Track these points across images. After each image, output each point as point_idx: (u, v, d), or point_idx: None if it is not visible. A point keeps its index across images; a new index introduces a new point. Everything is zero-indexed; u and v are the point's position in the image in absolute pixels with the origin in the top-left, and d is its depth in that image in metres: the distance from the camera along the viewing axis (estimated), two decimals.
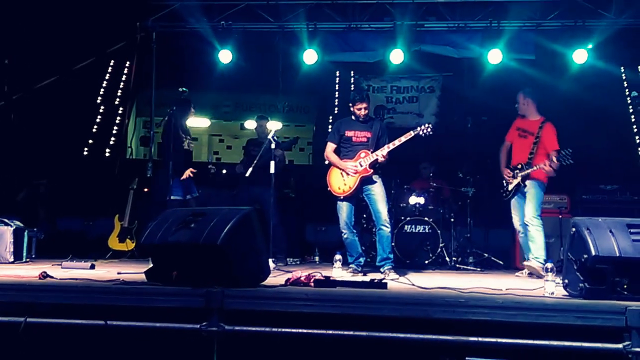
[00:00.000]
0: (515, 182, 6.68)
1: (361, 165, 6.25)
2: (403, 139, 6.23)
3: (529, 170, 6.54)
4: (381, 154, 6.19)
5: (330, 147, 6.48)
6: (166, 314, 4.17)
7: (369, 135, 6.33)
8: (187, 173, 7.24)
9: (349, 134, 6.39)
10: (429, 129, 6.27)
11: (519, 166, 6.66)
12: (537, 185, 6.57)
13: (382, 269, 6.13)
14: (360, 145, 6.33)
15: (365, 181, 6.28)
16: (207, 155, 13.53)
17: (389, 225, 6.24)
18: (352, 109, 6.43)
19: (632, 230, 4.31)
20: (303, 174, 10.43)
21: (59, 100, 9.82)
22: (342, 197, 6.31)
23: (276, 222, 7.37)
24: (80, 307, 4.27)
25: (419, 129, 6.28)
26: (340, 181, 6.32)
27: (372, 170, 6.25)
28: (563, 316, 3.90)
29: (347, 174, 6.27)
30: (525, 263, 6.48)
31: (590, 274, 4.24)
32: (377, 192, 6.28)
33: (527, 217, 6.47)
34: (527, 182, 6.59)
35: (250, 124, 12.31)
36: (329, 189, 6.40)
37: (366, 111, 6.37)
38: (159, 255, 4.74)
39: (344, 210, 6.33)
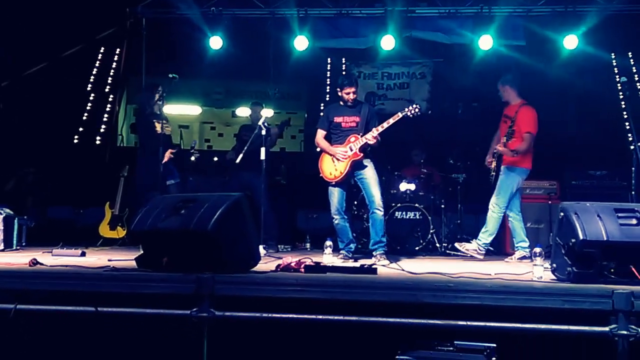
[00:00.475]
0: (493, 166, 6.75)
1: (351, 150, 6.26)
2: (391, 120, 6.27)
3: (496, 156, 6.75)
4: (371, 135, 6.20)
5: (320, 133, 6.49)
6: (157, 300, 4.18)
7: (357, 119, 6.34)
8: (168, 155, 7.19)
9: (337, 119, 6.40)
10: (416, 109, 6.32)
11: (495, 151, 6.75)
12: (506, 170, 6.69)
13: (374, 253, 6.16)
14: (350, 130, 6.34)
15: (357, 166, 6.29)
16: (199, 142, 13.51)
17: (382, 209, 6.26)
18: (340, 93, 6.43)
19: (619, 215, 4.36)
20: (294, 160, 10.43)
21: (48, 88, 9.75)
22: (333, 183, 6.32)
23: (267, 208, 7.37)
24: (70, 293, 4.27)
25: (406, 109, 6.33)
26: (332, 167, 6.33)
27: (362, 154, 6.26)
28: (551, 300, 3.93)
29: (338, 159, 6.28)
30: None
31: (578, 258, 4.28)
32: (369, 175, 6.29)
33: (490, 202, 6.55)
34: (501, 168, 6.68)
35: (244, 111, 12.28)
36: (320, 175, 6.42)
37: (354, 95, 6.36)
38: (150, 241, 4.75)
39: (335, 195, 6.35)
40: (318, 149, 6.58)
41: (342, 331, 4.08)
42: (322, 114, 6.60)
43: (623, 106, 8.99)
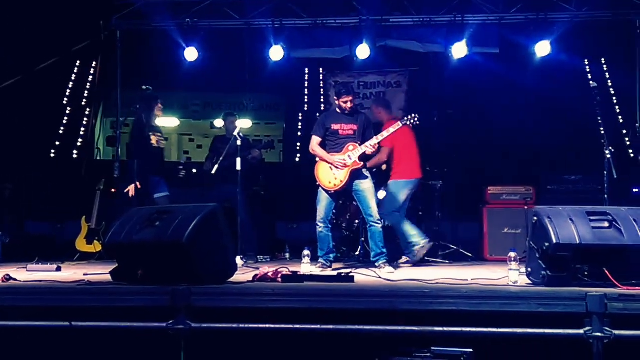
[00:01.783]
0: None
1: (350, 158, 6.24)
2: (391, 129, 6.30)
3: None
4: (370, 144, 6.21)
5: (316, 140, 6.45)
6: (132, 313, 4.15)
7: (355, 127, 6.33)
8: (132, 189, 7.06)
9: (335, 127, 6.38)
10: (416, 119, 6.35)
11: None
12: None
13: (377, 264, 6.16)
14: (347, 138, 6.32)
15: (356, 175, 6.27)
16: (177, 154, 13.46)
17: (380, 222, 6.28)
18: (337, 102, 6.44)
19: (591, 218, 4.41)
20: (273, 171, 10.42)
21: (24, 102, 9.66)
22: (332, 192, 6.30)
23: (245, 219, 7.37)
24: (44, 308, 4.23)
25: (406, 119, 6.38)
26: (330, 175, 6.29)
27: (362, 163, 6.26)
28: (526, 304, 3.98)
29: (336, 167, 6.26)
30: None
31: (551, 262, 4.33)
32: (367, 187, 6.29)
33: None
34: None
35: (219, 122, 12.28)
36: (317, 183, 6.38)
37: (352, 104, 6.37)
38: (125, 254, 4.71)
39: (323, 203, 6.32)
40: (317, 159, 6.54)
41: (320, 340, 4.08)
42: (317, 120, 6.57)
43: (597, 111, 9.12)
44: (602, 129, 6.09)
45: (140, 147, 7.04)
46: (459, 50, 8.70)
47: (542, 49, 8.57)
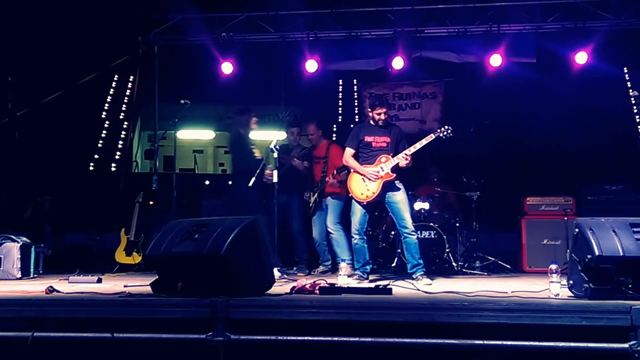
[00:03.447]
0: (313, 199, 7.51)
1: (383, 170, 6.22)
2: (424, 141, 6.24)
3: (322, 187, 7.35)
4: (403, 155, 6.17)
5: (349, 152, 6.46)
6: (172, 325, 4.19)
7: (388, 140, 6.32)
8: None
9: (368, 139, 6.37)
10: (449, 131, 6.30)
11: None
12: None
13: (414, 275, 6.12)
14: (380, 150, 6.30)
15: (389, 187, 6.24)
16: (212, 166, 13.59)
17: (414, 233, 6.25)
18: (371, 114, 6.43)
19: (635, 230, 4.31)
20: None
21: (64, 116, 9.89)
22: (364, 203, 6.29)
23: (299, 229, 7.45)
24: (86, 320, 4.29)
25: (439, 131, 6.33)
26: (363, 187, 6.28)
27: (394, 175, 6.23)
28: (568, 317, 3.89)
29: (369, 179, 6.26)
30: None
31: (594, 274, 4.24)
32: (400, 199, 6.24)
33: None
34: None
35: (256, 135, 12.37)
36: (350, 195, 6.39)
37: (385, 116, 6.36)
38: (164, 266, 4.76)
39: (358, 215, 6.31)
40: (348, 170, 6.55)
41: (358, 353, 4.06)
42: (351, 132, 6.58)
43: (637, 120, 8.97)
44: None
45: (241, 158, 7.08)
46: (495, 60, 8.65)
47: (581, 58, 8.48)
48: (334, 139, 9.41)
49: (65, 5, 9.17)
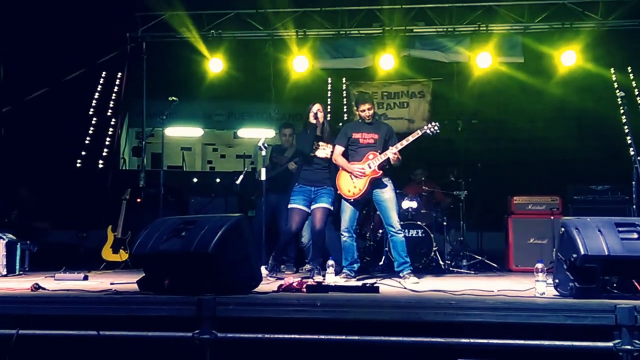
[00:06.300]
0: None
1: (369, 167, 6.21)
2: (411, 138, 6.23)
3: None
4: (391, 152, 6.17)
5: (338, 150, 6.44)
6: (159, 323, 4.17)
7: (376, 137, 6.31)
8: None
9: (356, 135, 6.36)
10: (436, 127, 6.30)
11: None
12: None
13: (401, 274, 6.12)
14: (368, 147, 6.29)
15: (376, 184, 6.23)
16: (201, 164, 13.57)
17: (401, 231, 6.25)
18: (357, 111, 6.43)
19: (620, 229, 4.34)
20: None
21: (50, 113, 9.82)
22: (352, 200, 6.29)
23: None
24: (72, 318, 4.26)
25: (426, 127, 6.32)
26: (350, 184, 6.28)
27: (381, 172, 6.22)
28: (554, 316, 3.92)
29: (355, 176, 6.27)
30: None
31: (579, 273, 4.27)
32: (388, 197, 6.23)
33: None
34: None
35: (245, 132, 12.40)
36: (338, 192, 6.39)
37: (371, 112, 6.34)
38: (151, 264, 4.74)
39: (347, 213, 6.31)
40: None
41: (345, 351, 4.06)
42: (341, 131, 6.58)
43: (624, 120, 9.02)
44: (629, 138, 6.02)
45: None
46: (484, 59, 8.68)
47: (569, 58, 8.53)
48: None
49: (53, 1, 9.11)
